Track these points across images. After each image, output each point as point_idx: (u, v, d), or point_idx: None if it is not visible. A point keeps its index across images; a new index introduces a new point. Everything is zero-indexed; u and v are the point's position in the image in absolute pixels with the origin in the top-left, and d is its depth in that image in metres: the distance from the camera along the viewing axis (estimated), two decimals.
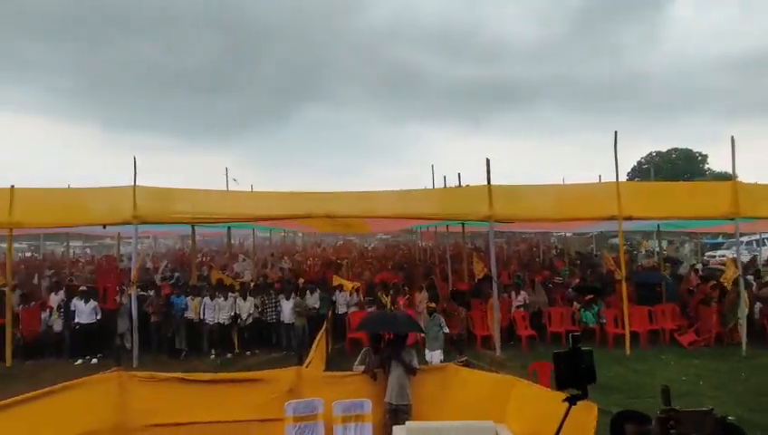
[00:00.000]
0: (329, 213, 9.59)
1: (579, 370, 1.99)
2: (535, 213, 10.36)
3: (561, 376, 2.01)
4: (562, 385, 2.02)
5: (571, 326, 10.98)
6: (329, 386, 5.71)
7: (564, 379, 2.01)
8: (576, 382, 1.99)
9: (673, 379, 8.25)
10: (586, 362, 2.02)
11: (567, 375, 1.99)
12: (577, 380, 1.99)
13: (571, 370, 1.99)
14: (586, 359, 2.03)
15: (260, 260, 21.28)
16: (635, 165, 52.82)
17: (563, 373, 2.00)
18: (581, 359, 2.02)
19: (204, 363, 9.45)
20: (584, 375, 2.00)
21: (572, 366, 1.99)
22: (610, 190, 9.91)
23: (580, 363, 2.00)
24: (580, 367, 1.99)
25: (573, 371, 1.98)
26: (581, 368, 1.99)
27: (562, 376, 2.01)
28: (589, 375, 2.01)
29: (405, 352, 5.63)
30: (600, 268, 16.26)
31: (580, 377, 2.00)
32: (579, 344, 2.05)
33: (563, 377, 2.01)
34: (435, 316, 7.80)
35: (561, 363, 2.00)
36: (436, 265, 18.13)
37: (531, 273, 14.78)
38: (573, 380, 2.00)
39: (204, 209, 9.89)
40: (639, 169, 51.52)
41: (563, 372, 1.99)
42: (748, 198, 9.97)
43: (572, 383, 2.00)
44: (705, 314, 10.99)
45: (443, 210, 10.53)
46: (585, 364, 2.01)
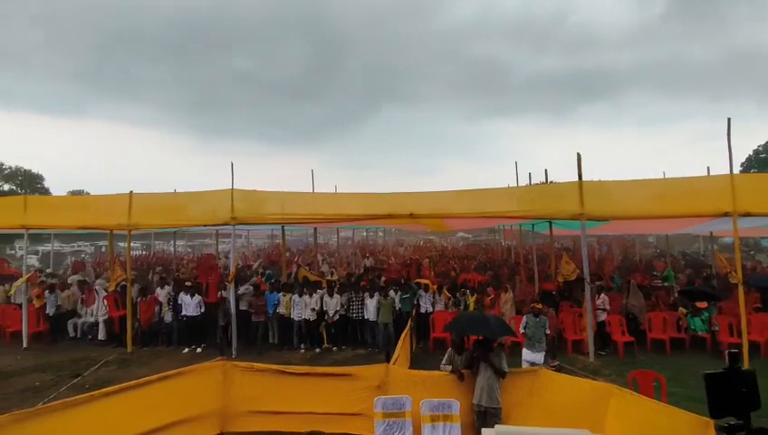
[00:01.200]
0: (411, 212, 9.65)
1: (739, 394, 1.75)
2: (631, 211, 9.56)
3: (717, 402, 1.75)
4: (718, 412, 1.75)
5: (676, 334, 10.07)
6: (416, 384, 5.75)
7: (720, 405, 1.75)
8: (735, 409, 1.74)
9: None
10: (748, 385, 1.78)
11: (723, 400, 1.74)
12: (736, 406, 1.74)
13: (728, 394, 1.74)
14: (748, 380, 1.78)
15: (344, 259, 21.97)
16: (750, 154, 47.03)
17: (719, 398, 1.75)
18: (742, 381, 1.77)
19: (294, 357, 9.97)
20: (745, 400, 1.76)
21: (730, 390, 1.75)
22: (723, 184, 8.89)
23: (740, 386, 1.76)
24: (741, 390, 1.75)
25: (731, 395, 1.74)
26: (742, 392, 1.75)
27: (718, 402, 1.75)
28: (751, 400, 1.77)
29: (494, 354, 5.52)
30: (707, 270, 14.70)
31: (741, 403, 1.75)
32: (738, 364, 1.80)
33: (719, 403, 1.75)
34: (541, 317, 7.53)
35: (715, 386, 1.75)
36: (521, 265, 17.50)
37: (627, 274, 13.74)
38: (732, 406, 1.75)
39: (292, 210, 10.43)
40: (756, 159, 45.76)
41: (719, 397, 1.74)
42: None
43: (730, 410, 1.75)
44: None
45: (531, 208, 10.12)
46: (747, 387, 1.77)
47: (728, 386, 1.73)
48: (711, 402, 1.73)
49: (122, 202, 10.70)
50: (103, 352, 10.29)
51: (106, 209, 11.17)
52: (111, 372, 9.01)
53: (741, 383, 1.73)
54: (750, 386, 1.75)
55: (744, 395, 1.73)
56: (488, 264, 18.66)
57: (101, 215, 11.13)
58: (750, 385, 1.75)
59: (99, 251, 33.93)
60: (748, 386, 1.75)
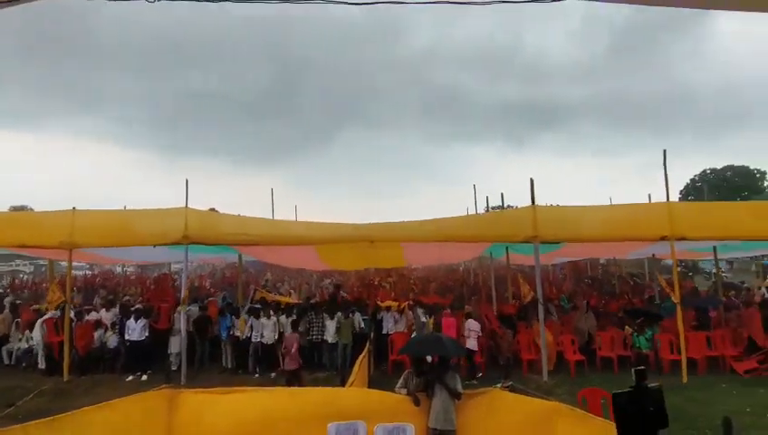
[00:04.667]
0: (369, 237, 9.69)
1: (646, 413, 1.63)
2: (582, 234, 10.04)
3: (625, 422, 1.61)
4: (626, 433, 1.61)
5: (623, 351, 10.48)
6: (371, 408, 5.67)
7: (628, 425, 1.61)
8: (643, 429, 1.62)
9: (735, 410, 7.67)
10: (655, 403, 1.66)
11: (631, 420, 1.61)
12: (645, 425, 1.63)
13: (636, 414, 1.62)
14: (655, 398, 1.66)
15: (303, 281, 21.63)
16: (688, 183, 50.36)
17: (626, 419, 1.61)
18: (649, 399, 1.65)
19: (249, 382, 9.63)
20: (653, 419, 1.64)
21: (638, 409, 1.62)
22: (661, 210, 9.51)
23: (647, 405, 1.64)
24: (648, 409, 1.63)
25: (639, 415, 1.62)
26: (649, 410, 1.63)
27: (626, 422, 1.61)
28: (659, 419, 1.65)
29: (449, 376, 5.54)
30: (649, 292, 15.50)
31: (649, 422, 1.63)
32: (644, 382, 1.67)
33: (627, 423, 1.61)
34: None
35: (622, 406, 1.62)
36: (480, 287, 17.81)
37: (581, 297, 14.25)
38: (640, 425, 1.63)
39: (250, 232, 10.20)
40: (693, 188, 49.02)
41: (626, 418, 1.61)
42: None
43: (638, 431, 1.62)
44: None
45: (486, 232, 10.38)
46: (654, 405, 1.65)
47: (636, 405, 1.64)
48: (619, 424, 1.62)
49: (64, 220, 10.11)
50: (39, 381, 9.57)
51: (46, 227, 10.51)
52: (47, 402, 8.38)
53: (649, 402, 1.65)
54: (657, 404, 1.66)
55: (651, 414, 1.64)
56: (448, 286, 18.87)
57: (41, 233, 10.45)
58: (657, 403, 1.66)
59: (38, 271, 31.86)
60: (656, 404, 1.66)
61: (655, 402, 1.63)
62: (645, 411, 1.61)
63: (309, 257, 11.76)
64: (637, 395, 1.62)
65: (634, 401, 1.61)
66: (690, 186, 49.70)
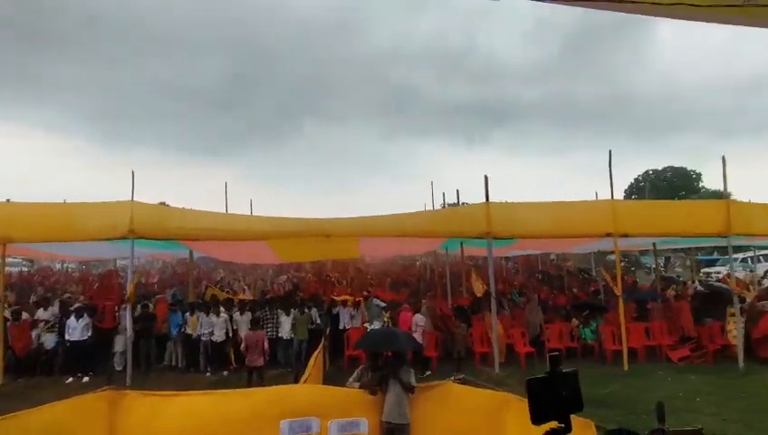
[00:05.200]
0: (325, 232, 9.60)
1: (560, 397, 1.64)
2: (533, 230, 10.39)
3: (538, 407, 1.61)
4: (539, 418, 1.60)
5: (570, 343, 10.95)
6: (325, 404, 5.64)
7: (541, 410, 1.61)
8: (557, 413, 1.63)
9: (670, 395, 8.19)
10: (569, 387, 1.67)
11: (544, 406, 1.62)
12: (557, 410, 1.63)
13: (549, 398, 1.63)
14: (569, 383, 1.68)
15: (259, 277, 21.20)
16: (632, 182, 53.21)
17: (540, 404, 1.61)
18: (563, 384, 1.66)
19: (199, 381, 9.35)
20: (567, 403, 1.64)
21: (552, 394, 1.64)
22: (606, 208, 9.99)
23: (560, 390, 1.65)
24: (561, 394, 1.64)
25: (553, 399, 1.63)
26: (563, 395, 1.64)
27: (539, 407, 1.61)
28: (573, 403, 1.67)
29: (403, 371, 5.59)
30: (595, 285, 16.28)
31: (562, 406, 1.64)
32: (559, 367, 1.69)
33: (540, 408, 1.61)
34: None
35: (537, 392, 1.63)
36: (436, 282, 18.09)
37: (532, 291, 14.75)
38: (553, 410, 1.63)
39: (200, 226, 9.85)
40: (636, 187, 51.85)
41: (540, 403, 1.61)
42: (741, 216, 10.06)
43: (552, 415, 1.63)
44: (701, 330, 11.01)
45: (441, 228, 10.53)
46: (568, 390, 1.66)
47: (550, 390, 1.65)
48: (532, 408, 1.63)
49: None
50: None
51: None
52: None
53: (563, 387, 1.66)
54: (572, 388, 1.68)
55: (565, 398, 1.65)
56: (404, 281, 19.03)
57: None
58: (572, 387, 1.68)
59: None
60: (570, 388, 1.67)
61: (569, 387, 1.66)
62: (558, 396, 1.64)
63: (263, 252, 11.53)
64: (551, 381, 1.65)
65: (548, 386, 1.64)
66: (634, 185, 52.53)
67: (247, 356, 8.70)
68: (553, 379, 1.65)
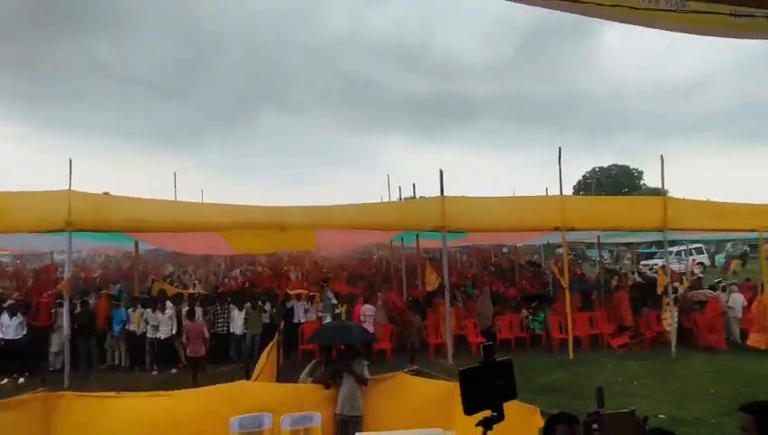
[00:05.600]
0: (281, 223, 9.40)
1: (493, 387, 1.65)
2: (486, 224, 10.64)
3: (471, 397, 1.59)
4: (472, 408, 1.59)
5: (520, 333, 11.33)
6: (277, 399, 5.56)
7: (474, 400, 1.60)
8: (490, 402, 1.64)
9: (610, 380, 8.68)
10: (503, 376, 1.69)
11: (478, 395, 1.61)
12: (491, 399, 1.64)
13: (483, 388, 1.63)
14: (503, 372, 1.70)
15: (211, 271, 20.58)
16: (580, 179, 55.60)
17: (473, 394, 1.60)
18: (497, 373, 1.67)
19: (145, 380, 8.97)
20: (500, 393, 1.66)
21: (485, 383, 1.64)
22: (555, 203, 10.38)
23: (494, 379, 1.65)
24: (495, 383, 1.65)
25: (486, 389, 1.63)
26: (496, 384, 1.65)
27: (472, 397, 1.60)
28: (506, 391, 1.68)
29: (356, 363, 5.59)
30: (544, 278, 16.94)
31: (495, 395, 1.65)
32: (492, 357, 1.69)
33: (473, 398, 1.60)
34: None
35: (469, 382, 1.62)
36: (393, 275, 18.20)
37: (483, 283, 15.14)
38: (486, 400, 1.64)
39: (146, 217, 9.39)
40: (585, 183, 54.22)
41: (473, 393, 1.60)
42: (675, 211, 10.73)
43: (485, 404, 1.63)
44: (639, 318, 11.71)
45: (397, 220, 10.59)
46: (502, 379, 1.68)
47: (483, 380, 1.66)
48: (465, 398, 1.61)
49: None
50: None
51: None
52: None
53: (496, 376, 1.67)
54: (506, 377, 1.70)
55: (499, 388, 1.67)
56: (360, 274, 19.04)
57: None
58: (506, 376, 1.70)
59: None
60: (503, 378, 1.69)
61: (503, 376, 1.68)
62: (492, 385, 1.65)
63: (216, 243, 11.16)
64: (484, 370, 1.66)
65: (481, 375, 1.64)
66: (582, 181, 54.92)
67: (189, 347, 8.68)
68: (487, 369, 1.66)
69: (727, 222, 11.70)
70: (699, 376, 8.99)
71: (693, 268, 21.50)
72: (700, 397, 7.78)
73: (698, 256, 26.52)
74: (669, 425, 6.71)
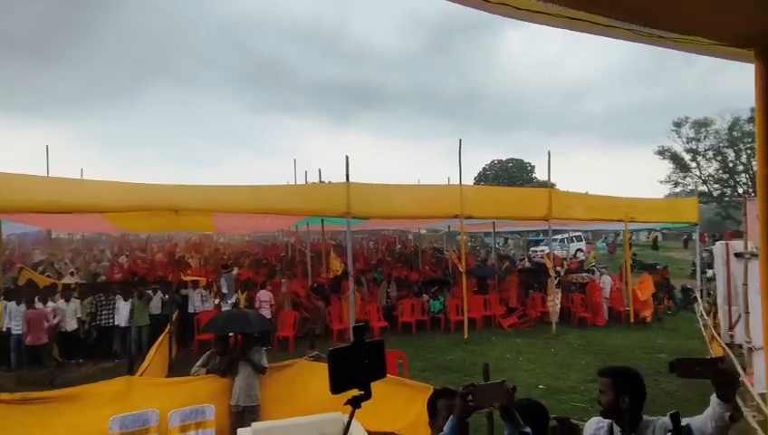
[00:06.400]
0: (175, 205, 8.67)
1: (362, 366, 1.68)
2: (390, 211, 10.88)
3: (339, 377, 1.63)
4: (339, 387, 1.62)
5: (421, 316, 11.80)
6: (166, 394, 5.22)
7: (342, 380, 1.63)
8: (358, 381, 1.67)
9: (499, 357, 9.44)
10: (373, 356, 1.71)
11: (346, 375, 1.65)
12: (359, 378, 1.67)
13: (351, 368, 1.66)
14: (374, 352, 1.72)
15: (93, 258, 18.59)
16: (480, 171, 59.14)
17: (340, 373, 1.64)
18: (367, 353, 1.69)
19: (9, 381, 7.89)
20: (368, 372, 1.69)
21: (353, 363, 1.66)
22: (455, 192, 10.90)
23: (362, 359, 1.68)
24: (364, 363, 1.68)
25: (355, 368, 1.66)
26: (365, 364, 1.68)
27: (340, 377, 1.63)
28: (376, 370, 1.71)
29: (253, 351, 5.41)
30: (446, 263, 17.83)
31: (363, 374, 1.67)
32: (363, 337, 1.72)
33: (341, 378, 1.63)
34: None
35: (338, 362, 1.64)
36: (298, 261, 17.91)
37: (387, 268, 15.50)
38: (354, 379, 1.66)
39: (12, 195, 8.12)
40: (484, 175, 57.79)
41: (340, 372, 1.64)
42: (559, 203, 11.86)
43: (352, 383, 1.67)
44: (527, 300, 12.84)
45: (301, 205, 10.37)
46: (372, 359, 1.70)
47: (352, 360, 1.68)
48: (332, 378, 1.63)
49: None
50: None
51: None
52: None
53: (365, 356, 1.69)
54: (375, 357, 1.72)
55: (367, 367, 1.69)
56: (264, 260, 18.47)
57: None
58: (376, 356, 1.73)
59: None
60: (374, 357, 1.71)
61: (373, 356, 1.71)
62: (361, 365, 1.68)
63: (97, 222, 10.02)
64: (353, 350, 1.68)
65: (349, 355, 1.67)
66: (482, 173, 58.49)
67: (29, 336, 8.27)
68: (357, 349, 1.68)
69: (602, 213, 13.22)
70: (573, 350, 10.10)
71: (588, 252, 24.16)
72: (573, 368, 8.75)
73: (578, 243, 29.64)
74: (547, 394, 7.48)
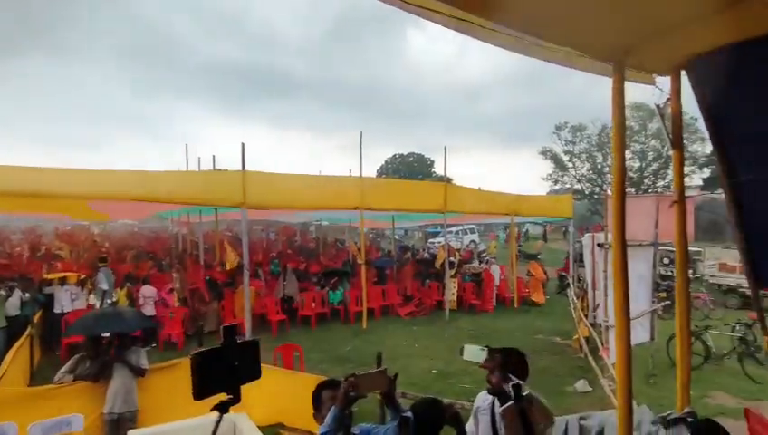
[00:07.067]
0: (36, 192, 7.56)
1: (232, 368, 1.56)
2: (288, 202, 10.61)
3: (202, 381, 1.49)
4: (202, 393, 1.48)
5: (321, 309, 11.74)
6: (25, 406, 4.63)
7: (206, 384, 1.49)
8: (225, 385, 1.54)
9: (396, 344, 9.76)
10: (245, 358, 1.60)
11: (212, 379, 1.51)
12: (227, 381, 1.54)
13: (218, 371, 1.53)
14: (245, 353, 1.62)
15: None
16: (383, 164, 60.36)
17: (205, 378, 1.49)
18: (236, 355, 1.58)
19: None
20: (239, 374, 1.58)
21: (222, 366, 1.54)
22: (355, 184, 10.98)
23: (232, 361, 1.55)
24: (233, 365, 1.56)
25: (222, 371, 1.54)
26: (235, 366, 1.56)
27: (204, 381, 1.49)
28: (248, 372, 1.61)
29: (131, 352, 4.96)
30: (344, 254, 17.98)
31: (233, 377, 1.56)
32: (233, 338, 1.60)
33: (205, 382, 1.49)
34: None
35: (202, 366, 1.49)
36: (189, 253, 16.80)
37: (287, 260, 15.17)
38: (221, 383, 1.54)
39: None
40: (386, 168, 59.05)
41: (205, 377, 1.49)
42: (454, 197, 12.51)
43: (220, 387, 1.54)
44: (423, 289, 13.40)
45: (194, 195, 9.70)
46: (244, 360, 1.59)
47: (221, 362, 1.55)
48: (195, 383, 1.48)
49: None
50: None
51: None
52: None
53: (235, 357, 1.57)
54: (248, 358, 1.62)
55: (238, 369, 1.57)
56: (149, 253, 17.04)
57: None
58: (248, 357, 1.62)
59: None
60: (245, 359, 1.60)
61: (244, 357, 1.60)
62: (230, 367, 1.56)
63: None
64: (222, 353, 1.56)
65: (218, 358, 1.54)
66: (384, 166, 59.74)
67: None
68: (225, 351, 1.57)
69: (491, 207, 14.19)
70: (465, 335, 10.77)
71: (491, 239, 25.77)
72: None
73: (471, 235, 31.64)
74: (439, 378, 7.91)
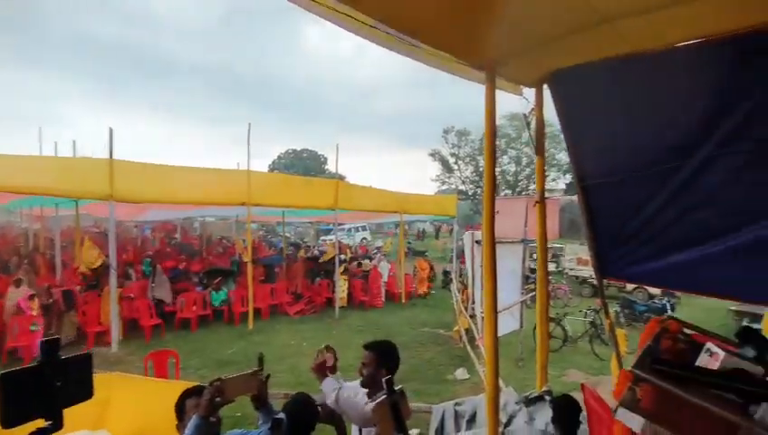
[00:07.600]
0: None
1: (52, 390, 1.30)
2: (165, 195, 9.73)
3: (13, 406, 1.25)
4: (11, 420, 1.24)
5: (202, 311, 10.97)
6: None
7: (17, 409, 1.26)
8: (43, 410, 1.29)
9: (284, 344, 9.53)
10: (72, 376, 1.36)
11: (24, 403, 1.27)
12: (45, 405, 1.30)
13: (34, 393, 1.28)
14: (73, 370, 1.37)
15: None
16: (275, 159, 58.64)
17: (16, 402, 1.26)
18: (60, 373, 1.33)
19: None
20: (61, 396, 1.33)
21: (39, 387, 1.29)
22: (242, 178, 10.45)
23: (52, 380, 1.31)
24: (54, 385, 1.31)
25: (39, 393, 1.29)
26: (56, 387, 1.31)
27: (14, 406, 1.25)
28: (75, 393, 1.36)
29: None
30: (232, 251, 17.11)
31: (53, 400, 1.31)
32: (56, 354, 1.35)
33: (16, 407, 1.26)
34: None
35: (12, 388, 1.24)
36: (42, 252, 14.62)
37: (160, 260, 13.93)
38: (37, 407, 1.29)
39: None
40: (279, 164, 57.46)
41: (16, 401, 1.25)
42: (345, 194, 12.57)
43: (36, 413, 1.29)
44: (313, 287, 13.26)
45: (51, 185, 8.44)
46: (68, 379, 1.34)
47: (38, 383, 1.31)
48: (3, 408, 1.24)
49: None
50: None
51: None
52: None
53: (58, 376, 1.33)
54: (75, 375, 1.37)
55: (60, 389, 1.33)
56: None
57: None
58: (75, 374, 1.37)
59: None
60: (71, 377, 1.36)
61: (70, 376, 1.35)
62: (50, 388, 1.31)
63: None
64: (39, 371, 1.30)
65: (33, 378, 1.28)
66: (276, 162, 58.11)
67: None
68: (44, 369, 1.30)
69: (381, 205, 14.53)
70: (353, 331, 10.87)
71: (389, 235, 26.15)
72: (351, 347, 9.31)
73: (362, 232, 32.15)
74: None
